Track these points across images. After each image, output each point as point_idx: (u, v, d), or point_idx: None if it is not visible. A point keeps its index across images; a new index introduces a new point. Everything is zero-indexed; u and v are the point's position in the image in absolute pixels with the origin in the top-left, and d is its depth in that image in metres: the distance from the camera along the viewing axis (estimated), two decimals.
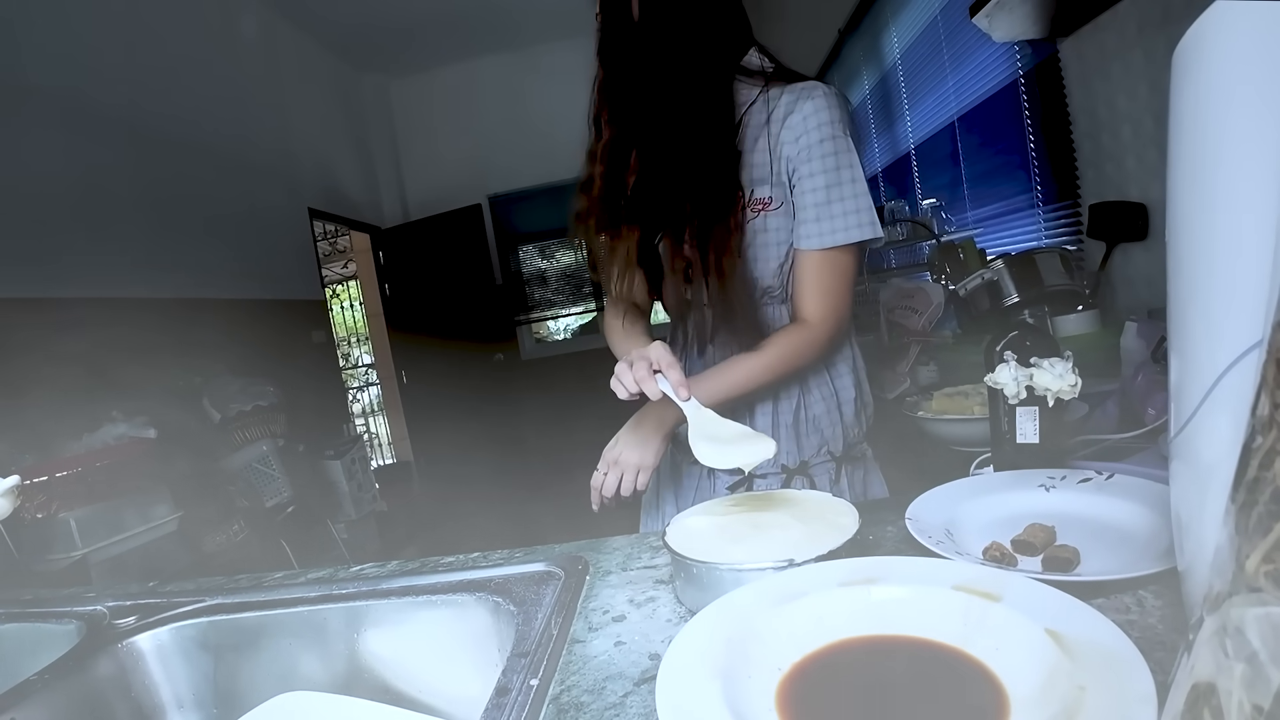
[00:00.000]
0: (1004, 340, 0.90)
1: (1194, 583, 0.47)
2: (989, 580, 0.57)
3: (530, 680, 0.63)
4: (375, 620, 0.89)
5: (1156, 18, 1.57)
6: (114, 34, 3.56)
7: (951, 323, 2.05)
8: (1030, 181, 2.43)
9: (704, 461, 0.85)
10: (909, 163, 3.75)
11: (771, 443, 0.85)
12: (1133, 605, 0.59)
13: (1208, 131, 0.43)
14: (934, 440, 1.38)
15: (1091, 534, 0.71)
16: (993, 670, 0.49)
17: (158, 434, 2.78)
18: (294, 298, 4.86)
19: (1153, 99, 1.65)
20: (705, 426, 0.89)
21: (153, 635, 0.92)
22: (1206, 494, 0.44)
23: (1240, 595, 0.29)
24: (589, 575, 0.86)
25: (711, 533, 0.78)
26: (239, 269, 4.24)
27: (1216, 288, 0.43)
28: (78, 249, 3.13)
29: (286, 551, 3.22)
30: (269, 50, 5.04)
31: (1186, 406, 0.46)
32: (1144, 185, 1.73)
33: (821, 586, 0.60)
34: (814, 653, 0.54)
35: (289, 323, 4.72)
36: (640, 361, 0.93)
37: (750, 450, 0.84)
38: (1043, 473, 0.85)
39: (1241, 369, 0.40)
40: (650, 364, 0.93)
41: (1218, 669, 0.29)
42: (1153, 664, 0.43)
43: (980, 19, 1.86)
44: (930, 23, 3.15)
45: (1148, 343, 1.21)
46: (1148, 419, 1.01)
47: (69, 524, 2.23)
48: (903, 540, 0.78)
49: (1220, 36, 0.42)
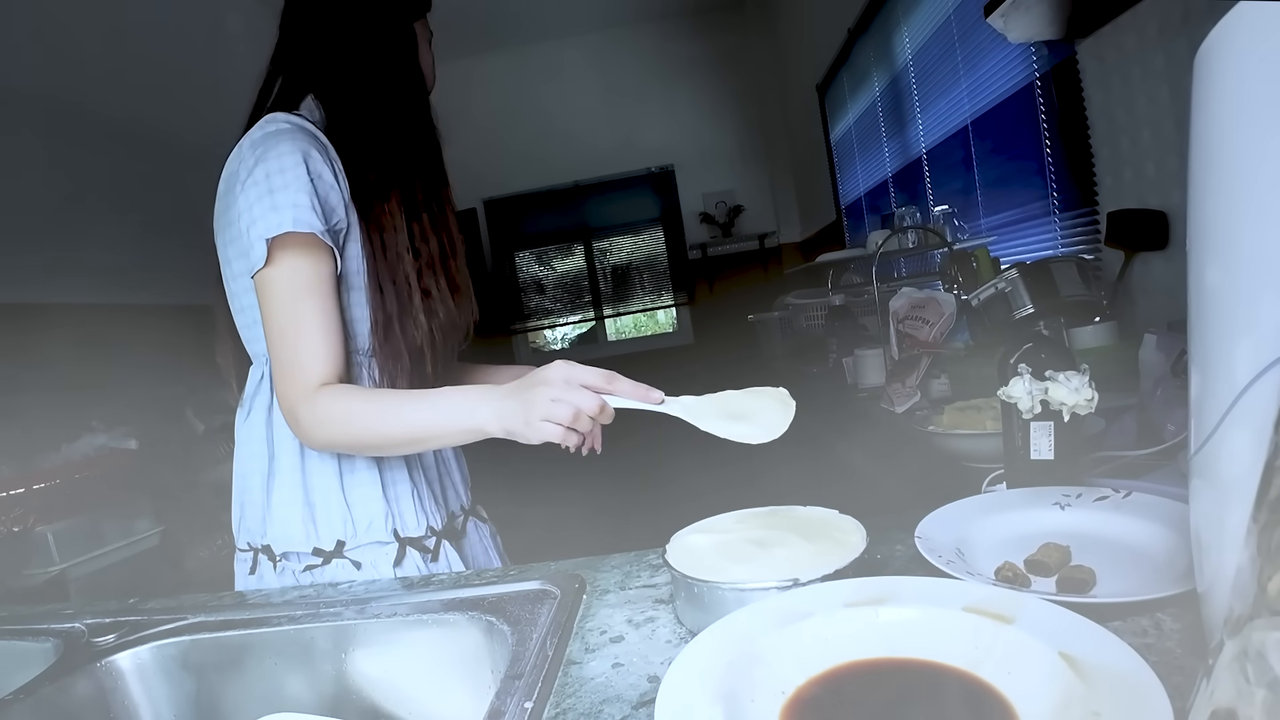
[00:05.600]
0: (1018, 353, 0.90)
1: (1214, 605, 0.46)
2: (1001, 601, 0.57)
3: (524, 703, 0.63)
4: (364, 640, 0.89)
5: (1178, 18, 1.58)
6: (96, 32, 3.58)
7: (964, 334, 2.05)
8: (1046, 188, 2.43)
9: (743, 440, 0.82)
10: (920, 168, 3.76)
11: (781, 391, 0.83)
12: (1150, 628, 0.59)
13: (1231, 136, 0.43)
14: (945, 456, 1.38)
15: (1108, 554, 0.71)
16: (1004, 695, 0.49)
17: (139, 445, 2.78)
18: None
19: (1174, 103, 1.65)
20: (703, 410, 0.86)
21: (133, 654, 0.91)
22: (1227, 513, 0.44)
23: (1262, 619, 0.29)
24: (586, 594, 0.86)
25: (713, 550, 0.78)
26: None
27: (1239, 299, 0.43)
28: (57, 252, 3.14)
29: None
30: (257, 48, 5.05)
31: (1207, 422, 0.46)
32: (1165, 192, 1.73)
33: (827, 607, 0.60)
34: (819, 675, 0.54)
35: None
36: (583, 394, 0.84)
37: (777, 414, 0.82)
38: (1058, 490, 0.85)
39: (1265, 384, 0.40)
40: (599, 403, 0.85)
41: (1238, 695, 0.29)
42: (1170, 689, 0.43)
43: (995, 19, 1.86)
44: (943, 23, 3.16)
45: (1167, 356, 1.20)
46: (1167, 435, 1.01)
47: (46, 538, 2.23)
48: (912, 559, 0.78)
49: (1245, 38, 0.42)
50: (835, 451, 2.38)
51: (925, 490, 1.34)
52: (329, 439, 0.98)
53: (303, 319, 0.97)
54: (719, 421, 0.83)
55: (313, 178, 0.99)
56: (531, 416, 0.85)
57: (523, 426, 0.86)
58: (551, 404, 0.84)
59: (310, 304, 0.98)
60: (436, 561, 1.13)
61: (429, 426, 0.95)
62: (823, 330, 3.18)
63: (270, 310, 0.98)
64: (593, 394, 0.85)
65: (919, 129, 3.70)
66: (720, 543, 0.80)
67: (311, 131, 1.04)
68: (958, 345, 2.01)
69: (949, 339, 1.98)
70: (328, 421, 0.96)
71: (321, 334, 0.98)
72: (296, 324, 0.97)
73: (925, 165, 3.71)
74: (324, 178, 1.01)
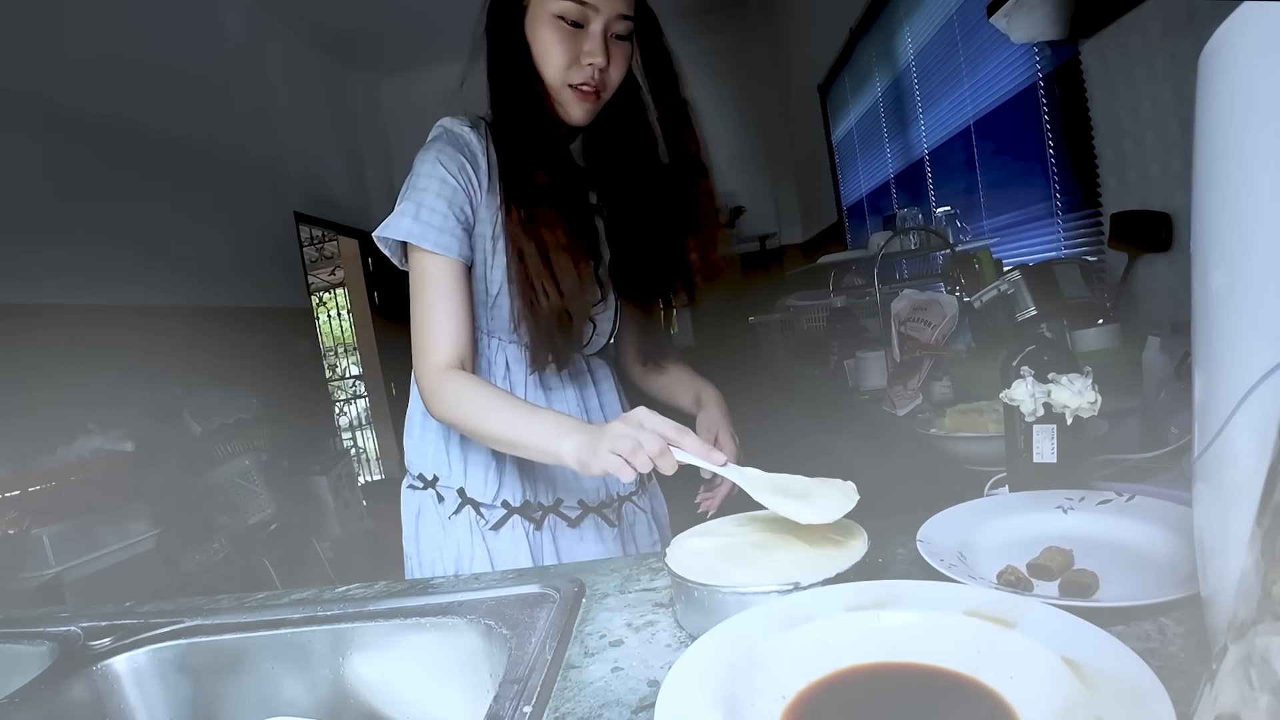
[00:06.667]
0: (1021, 355, 0.90)
1: (1218, 610, 0.46)
2: (1003, 605, 0.57)
3: (523, 707, 0.63)
4: (361, 643, 0.89)
5: (1182, 19, 1.58)
6: (90, 31, 3.59)
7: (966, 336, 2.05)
8: (1049, 189, 2.43)
9: (791, 516, 0.79)
10: (923, 169, 3.76)
11: (849, 485, 0.82)
12: (1154, 633, 0.59)
13: (1235, 138, 0.44)
14: (947, 459, 1.38)
15: (1111, 558, 0.71)
16: (1007, 700, 0.49)
17: (135, 447, 2.78)
18: (279, 305, 4.86)
19: (1178, 104, 1.65)
20: (761, 483, 0.85)
21: (129, 658, 0.91)
22: (1231, 517, 0.44)
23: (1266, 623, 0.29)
24: (585, 598, 0.86)
25: (713, 554, 0.78)
26: (221, 275, 4.25)
27: (1244, 301, 0.43)
28: (51, 253, 3.15)
29: (269, 571, 3.22)
30: (253, 47, 5.07)
31: (1211, 425, 0.46)
32: (1168, 194, 1.73)
33: (828, 611, 0.60)
34: (820, 680, 0.54)
35: (273, 332, 4.72)
36: (651, 436, 0.87)
37: (836, 500, 0.79)
38: (1060, 494, 0.85)
39: (1269, 386, 0.40)
40: (662, 438, 0.87)
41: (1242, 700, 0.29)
42: (1174, 694, 0.43)
43: (998, 19, 1.86)
44: (946, 23, 3.16)
45: (1171, 358, 1.20)
46: (1170, 438, 1.01)
47: (42, 541, 2.23)
48: (913, 563, 0.78)
49: (1249, 38, 0.42)
50: (836, 454, 2.38)
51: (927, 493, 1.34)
52: (446, 415, 1.11)
53: (426, 306, 1.13)
54: (774, 496, 0.82)
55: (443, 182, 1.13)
56: (599, 448, 0.89)
57: (590, 457, 0.91)
58: (619, 438, 0.87)
59: (435, 294, 1.12)
60: (496, 533, 1.25)
61: (518, 437, 1.03)
62: (824, 332, 3.18)
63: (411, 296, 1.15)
64: (658, 437, 0.87)
65: (921, 130, 3.70)
66: (721, 546, 0.80)
67: (458, 132, 1.17)
68: (960, 347, 2.01)
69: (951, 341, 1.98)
70: (445, 401, 1.10)
71: (447, 322, 1.12)
72: (420, 309, 1.13)
73: (927, 166, 3.71)
74: (450, 181, 1.13)
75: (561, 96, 1.14)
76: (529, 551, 1.24)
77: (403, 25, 5.75)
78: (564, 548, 1.29)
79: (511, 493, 1.25)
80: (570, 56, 1.10)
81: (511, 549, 1.23)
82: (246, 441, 3.49)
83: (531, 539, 1.25)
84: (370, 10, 5.50)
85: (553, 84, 1.13)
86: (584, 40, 1.10)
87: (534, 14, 1.12)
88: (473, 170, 1.14)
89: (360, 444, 7.19)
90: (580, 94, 1.13)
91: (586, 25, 1.09)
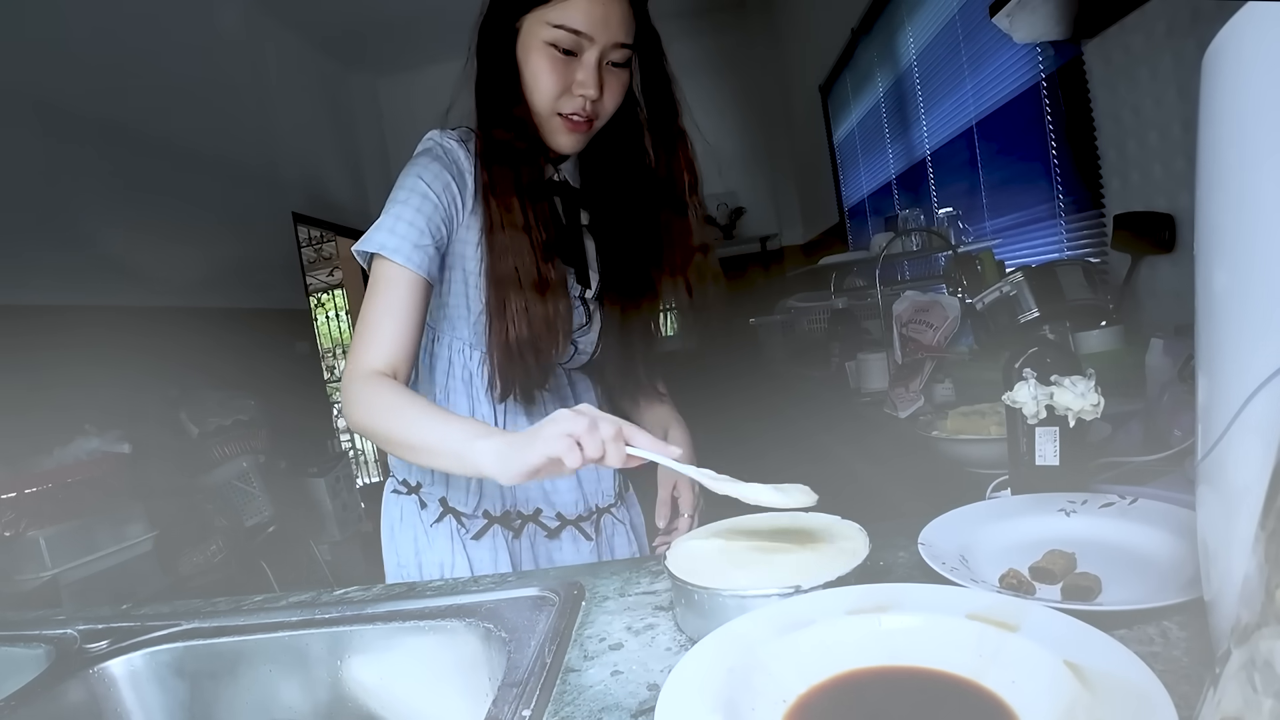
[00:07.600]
0: (1023, 357, 0.90)
1: (1221, 613, 0.46)
2: (1005, 609, 0.57)
3: (523, 711, 0.63)
4: (360, 647, 0.89)
5: (1186, 19, 1.58)
6: (88, 30, 3.59)
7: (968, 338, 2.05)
8: (1052, 190, 2.43)
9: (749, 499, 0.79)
10: (924, 169, 3.76)
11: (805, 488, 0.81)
12: (1156, 636, 0.59)
13: (1239, 139, 0.44)
14: (948, 461, 1.38)
15: (1114, 561, 0.71)
16: (1009, 704, 0.49)
17: (132, 449, 2.78)
18: (277, 306, 4.86)
19: (1181, 104, 1.65)
20: (719, 479, 0.83)
21: (126, 661, 0.91)
22: (1235, 520, 0.44)
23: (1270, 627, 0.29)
24: (585, 601, 0.86)
25: (714, 557, 0.78)
26: (219, 276, 4.25)
27: (1248, 303, 0.43)
28: (48, 254, 3.14)
29: (267, 573, 3.22)
30: (251, 47, 5.07)
31: (1214, 428, 0.46)
32: (1172, 195, 1.73)
33: (829, 614, 0.60)
34: (821, 684, 0.54)
35: (271, 333, 4.72)
36: (606, 421, 0.83)
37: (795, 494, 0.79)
38: (1063, 496, 0.85)
39: (1273, 389, 0.40)
40: (616, 429, 0.83)
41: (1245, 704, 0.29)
42: (1177, 698, 0.43)
43: (1000, 19, 1.87)
44: (948, 23, 3.17)
45: (1174, 361, 1.20)
46: (1174, 441, 1.01)
47: (38, 543, 2.23)
48: (915, 566, 0.78)
49: (1253, 39, 0.42)
50: (837, 457, 2.38)
51: (929, 496, 1.34)
52: (358, 421, 1.03)
53: (373, 312, 1.07)
54: (737, 484, 0.80)
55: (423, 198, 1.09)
56: (540, 434, 0.82)
57: (519, 454, 0.84)
58: (569, 420, 0.82)
59: (386, 302, 1.07)
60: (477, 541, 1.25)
61: (427, 441, 0.94)
62: (825, 334, 3.18)
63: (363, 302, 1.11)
64: (614, 420, 0.83)
65: (923, 130, 3.70)
66: (721, 549, 0.80)
67: (446, 146, 1.15)
68: (962, 349, 2.01)
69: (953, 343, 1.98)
70: (360, 404, 1.02)
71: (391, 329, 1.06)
72: (367, 313, 1.08)
73: (929, 167, 3.70)
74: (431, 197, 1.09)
75: (550, 125, 1.11)
76: (509, 558, 1.24)
77: (401, 26, 5.76)
78: (542, 556, 1.29)
79: (493, 503, 1.25)
80: (561, 85, 1.07)
81: (491, 556, 1.24)
82: (244, 443, 3.49)
83: (511, 546, 1.26)
84: (369, 11, 5.50)
85: (541, 112, 1.10)
86: (577, 69, 1.07)
87: (526, 39, 1.08)
88: (458, 188, 1.11)
89: (358, 446, 7.19)
90: (570, 123, 1.10)
91: (580, 54, 1.06)
